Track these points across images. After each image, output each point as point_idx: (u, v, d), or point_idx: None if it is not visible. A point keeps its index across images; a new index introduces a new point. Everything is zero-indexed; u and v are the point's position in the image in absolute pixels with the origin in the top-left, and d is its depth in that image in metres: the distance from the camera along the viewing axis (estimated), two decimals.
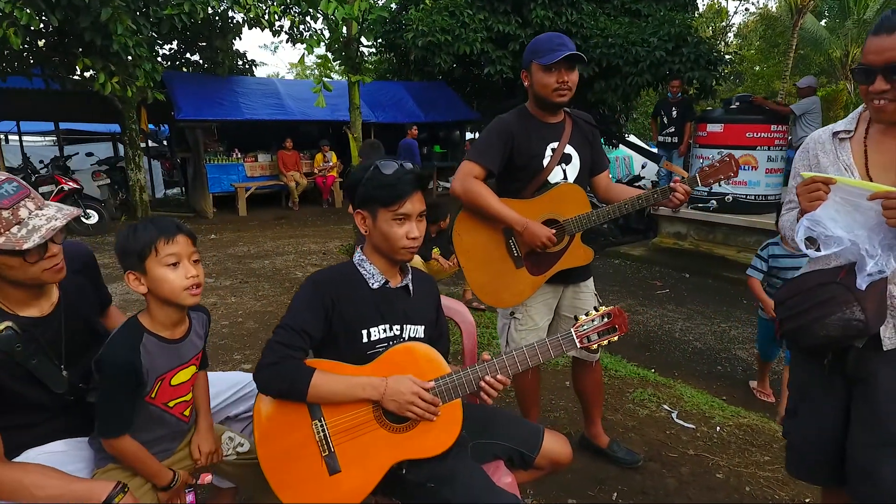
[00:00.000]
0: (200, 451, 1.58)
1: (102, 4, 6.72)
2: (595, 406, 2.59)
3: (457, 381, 1.52)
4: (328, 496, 1.48)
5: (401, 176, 1.53)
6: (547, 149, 2.20)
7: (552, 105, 2.16)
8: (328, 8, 4.23)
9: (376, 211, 1.55)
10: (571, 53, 2.06)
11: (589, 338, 1.62)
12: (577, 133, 2.26)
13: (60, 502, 1.33)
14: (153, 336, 1.45)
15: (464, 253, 2.25)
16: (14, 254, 1.30)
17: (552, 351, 1.59)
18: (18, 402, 1.42)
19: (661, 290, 6.52)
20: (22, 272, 1.35)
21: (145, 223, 1.47)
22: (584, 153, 2.26)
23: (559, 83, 2.09)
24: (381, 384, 1.46)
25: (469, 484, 1.49)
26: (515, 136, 2.18)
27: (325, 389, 1.45)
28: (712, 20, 23.81)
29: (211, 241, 8.36)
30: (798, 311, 1.53)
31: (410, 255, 1.60)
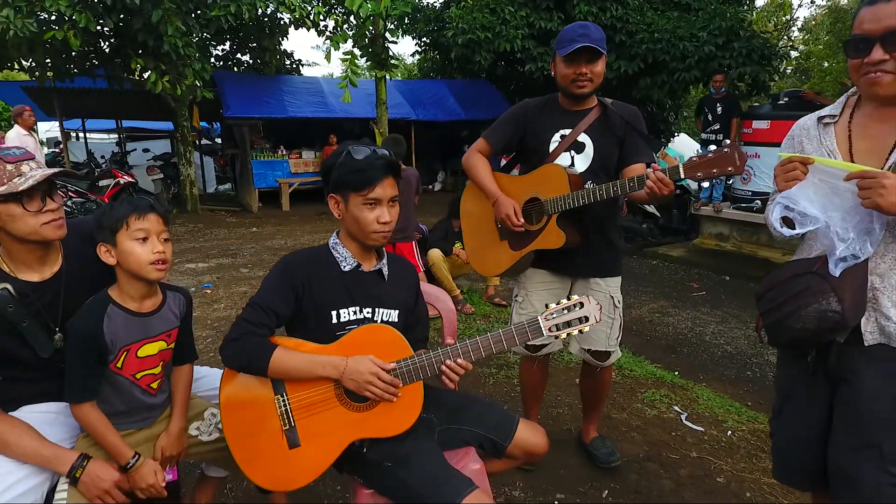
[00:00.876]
0: (163, 453, 1.58)
1: (154, 7, 7.08)
2: (593, 407, 2.55)
3: (418, 364, 1.52)
4: (287, 469, 1.51)
5: (371, 161, 1.55)
6: (556, 135, 2.18)
7: (573, 96, 2.14)
8: (353, 4, 4.29)
9: (348, 195, 1.57)
10: (585, 46, 1.98)
11: (558, 326, 1.58)
12: (601, 123, 2.17)
13: (29, 461, 1.43)
14: (119, 308, 1.52)
15: (464, 217, 2.44)
16: (13, 199, 1.40)
17: (517, 338, 1.56)
18: (12, 358, 1.52)
19: (698, 293, 6.28)
20: (24, 223, 1.44)
21: (122, 200, 1.55)
22: (602, 143, 2.16)
23: (577, 74, 2.05)
24: (342, 363, 1.48)
25: (424, 465, 1.49)
26: (529, 120, 2.22)
27: (285, 366, 1.48)
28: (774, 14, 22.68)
29: (252, 234, 8.66)
30: (775, 304, 1.46)
31: (382, 239, 1.61)
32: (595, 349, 2.29)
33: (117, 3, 6.83)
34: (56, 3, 6.47)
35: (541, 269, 2.29)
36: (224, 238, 8.36)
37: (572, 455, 2.52)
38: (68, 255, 1.60)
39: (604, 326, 2.24)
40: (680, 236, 8.71)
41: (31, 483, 1.43)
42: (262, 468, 1.52)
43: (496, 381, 3.37)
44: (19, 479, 1.41)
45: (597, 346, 2.28)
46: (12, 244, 1.49)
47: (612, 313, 2.25)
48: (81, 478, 1.43)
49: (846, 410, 1.43)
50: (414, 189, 4.38)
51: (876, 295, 1.36)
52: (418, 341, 1.74)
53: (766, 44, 9.76)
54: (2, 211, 1.42)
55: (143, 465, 1.53)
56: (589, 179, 2.13)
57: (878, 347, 1.38)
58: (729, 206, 7.34)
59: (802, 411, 1.55)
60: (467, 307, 4.79)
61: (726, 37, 9.72)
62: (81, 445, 1.54)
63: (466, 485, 1.44)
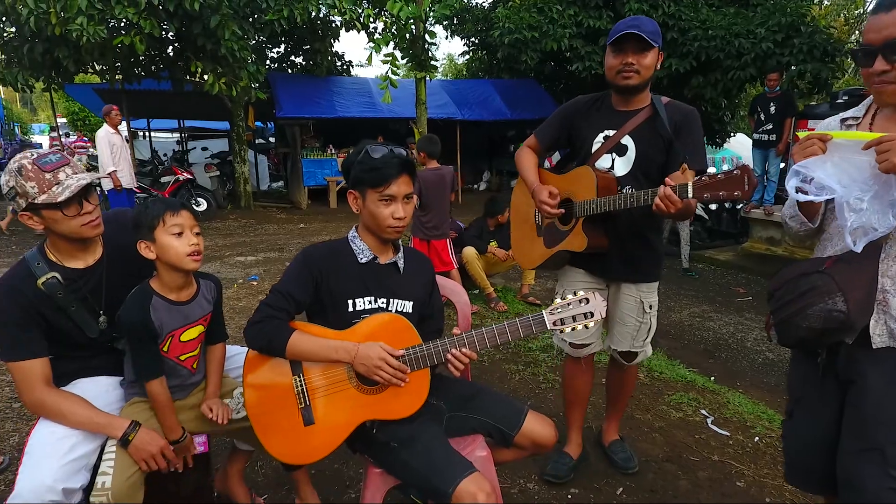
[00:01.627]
0: (212, 410, 1.76)
1: (212, 13, 7.46)
2: (615, 405, 2.53)
3: (425, 352, 1.60)
4: (302, 444, 1.62)
5: (388, 160, 1.63)
6: (599, 135, 2.13)
7: (619, 88, 2.05)
8: (394, 8, 4.42)
9: (365, 192, 1.66)
10: (632, 33, 1.91)
11: (563, 320, 1.63)
12: (648, 126, 2.06)
13: (84, 428, 1.60)
14: (161, 297, 1.68)
15: (513, 210, 2.52)
16: (54, 207, 1.58)
17: (521, 330, 1.62)
18: (65, 338, 1.70)
19: (743, 298, 6.09)
20: (65, 225, 1.62)
21: (153, 201, 1.71)
22: (646, 147, 2.07)
23: (623, 64, 1.97)
24: (353, 348, 1.58)
25: (428, 447, 1.57)
26: (575, 119, 2.20)
27: (301, 348, 1.59)
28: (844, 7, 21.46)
29: (299, 230, 8.98)
30: (783, 302, 1.46)
31: (396, 233, 1.69)
32: (620, 349, 2.29)
33: (179, 9, 7.24)
34: (125, 11, 6.93)
35: (580, 269, 2.27)
36: (273, 233, 8.70)
37: (592, 451, 2.54)
38: (107, 243, 1.77)
39: (630, 329, 2.23)
40: (729, 239, 8.44)
41: (86, 447, 1.60)
42: (280, 442, 1.63)
43: (522, 377, 3.41)
44: (76, 443, 1.58)
45: (620, 347, 2.28)
46: (57, 239, 1.67)
47: (640, 317, 2.22)
48: (133, 441, 1.59)
49: (852, 413, 1.42)
50: (449, 187, 4.46)
51: (886, 297, 1.35)
52: (432, 332, 1.82)
53: (830, 39, 9.27)
54: (46, 215, 1.60)
55: (187, 440, 1.73)
56: (628, 184, 2.06)
57: (885, 350, 1.37)
58: (781, 209, 7.06)
59: (812, 414, 1.55)
60: (500, 305, 4.84)
61: (786, 33, 9.32)
62: (127, 413, 1.71)
63: (466, 467, 1.51)
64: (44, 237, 1.70)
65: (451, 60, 29.75)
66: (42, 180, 1.56)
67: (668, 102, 2.09)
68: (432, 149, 4.23)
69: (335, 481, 2.33)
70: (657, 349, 4.34)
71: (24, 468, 1.53)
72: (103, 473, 1.55)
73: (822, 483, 1.56)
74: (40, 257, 1.66)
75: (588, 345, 2.30)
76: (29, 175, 1.55)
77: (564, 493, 2.26)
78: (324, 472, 2.38)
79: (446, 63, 29.99)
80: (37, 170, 1.57)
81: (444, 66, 29.91)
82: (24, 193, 1.56)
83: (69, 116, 24.21)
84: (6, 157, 14.99)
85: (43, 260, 1.65)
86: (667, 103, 2.08)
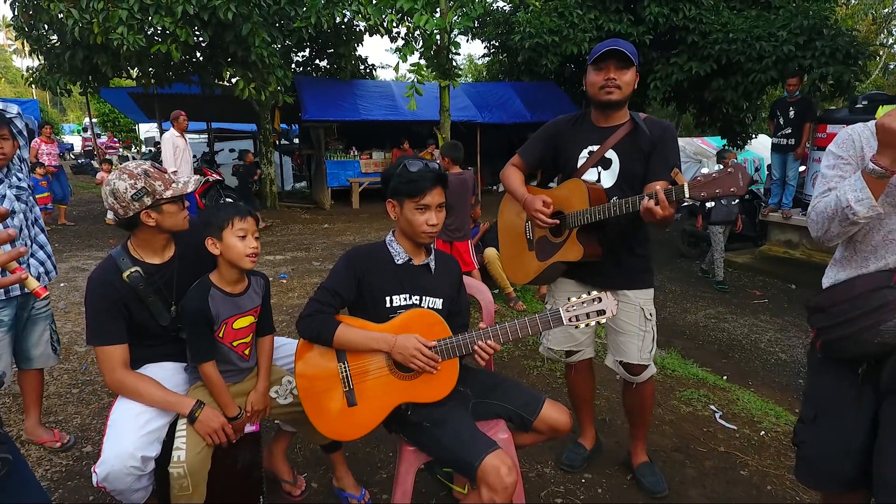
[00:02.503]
0: (253, 407, 1.98)
1: (244, 21, 7.78)
2: (636, 426, 2.47)
3: (455, 343, 1.81)
4: (346, 423, 1.85)
5: (423, 173, 1.85)
6: (584, 151, 2.23)
7: (600, 104, 2.15)
8: (420, 21, 4.64)
9: (403, 201, 1.87)
10: (618, 49, 2.03)
11: (577, 317, 1.81)
12: (630, 140, 2.16)
13: (157, 406, 1.85)
14: (218, 289, 1.92)
15: (501, 227, 2.56)
16: (178, 199, 1.87)
17: (540, 325, 1.81)
18: (141, 327, 1.94)
19: (759, 300, 6.18)
20: (176, 218, 1.90)
21: (226, 204, 1.95)
22: (628, 160, 2.16)
23: (605, 80, 2.07)
24: (392, 339, 1.80)
25: (457, 427, 1.78)
26: (560, 137, 2.30)
27: (346, 338, 1.81)
28: (871, 7, 21.13)
29: (324, 230, 9.26)
30: (844, 318, 1.47)
31: (429, 238, 1.90)
32: (627, 361, 2.28)
33: (213, 18, 7.56)
34: (162, 21, 7.28)
35: (571, 280, 2.33)
36: (298, 233, 9.00)
37: (610, 438, 2.72)
38: (178, 242, 2.02)
39: (635, 339, 2.25)
40: (748, 242, 8.49)
41: (159, 422, 1.84)
42: (327, 421, 1.86)
43: (539, 372, 3.60)
44: (150, 418, 1.82)
45: (628, 359, 2.27)
46: (152, 235, 1.91)
47: (643, 326, 2.25)
48: (199, 417, 1.83)
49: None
50: (470, 190, 4.66)
51: None
52: (460, 327, 2.01)
53: (853, 42, 9.23)
54: (165, 209, 1.86)
55: (242, 418, 1.95)
56: (615, 195, 2.14)
57: None
58: (799, 213, 7.12)
59: (844, 424, 1.56)
60: (519, 304, 5.03)
61: (808, 35, 9.30)
62: (193, 394, 1.95)
63: (490, 444, 1.71)
64: (127, 236, 1.95)
65: (472, 61, 29.94)
66: (165, 179, 1.86)
67: (646, 118, 2.18)
68: (456, 154, 4.44)
69: (368, 463, 2.55)
70: (671, 348, 4.49)
71: (108, 439, 1.78)
72: (178, 448, 1.78)
73: (837, 484, 1.63)
74: (125, 254, 1.91)
75: (575, 352, 2.39)
76: (155, 176, 1.84)
77: (578, 478, 2.45)
78: (356, 454, 2.60)
79: (467, 64, 30.18)
80: (158, 171, 1.87)
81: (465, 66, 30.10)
82: (153, 191, 1.82)
83: (100, 118, 24.98)
84: None
85: (127, 256, 1.91)
86: (645, 119, 2.17)
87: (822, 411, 1.63)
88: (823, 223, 1.55)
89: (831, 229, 1.53)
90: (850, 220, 1.46)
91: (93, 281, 1.88)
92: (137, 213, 1.83)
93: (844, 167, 1.57)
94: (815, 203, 1.60)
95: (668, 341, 4.77)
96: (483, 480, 1.66)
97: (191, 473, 1.75)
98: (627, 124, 2.20)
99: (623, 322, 2.25)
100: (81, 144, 24.71)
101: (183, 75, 10.34)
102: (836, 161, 1.59)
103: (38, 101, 17.50)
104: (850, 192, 1.46)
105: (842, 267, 1.62)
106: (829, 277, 1.67)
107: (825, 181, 1.59)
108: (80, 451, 2.63)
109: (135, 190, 1.80)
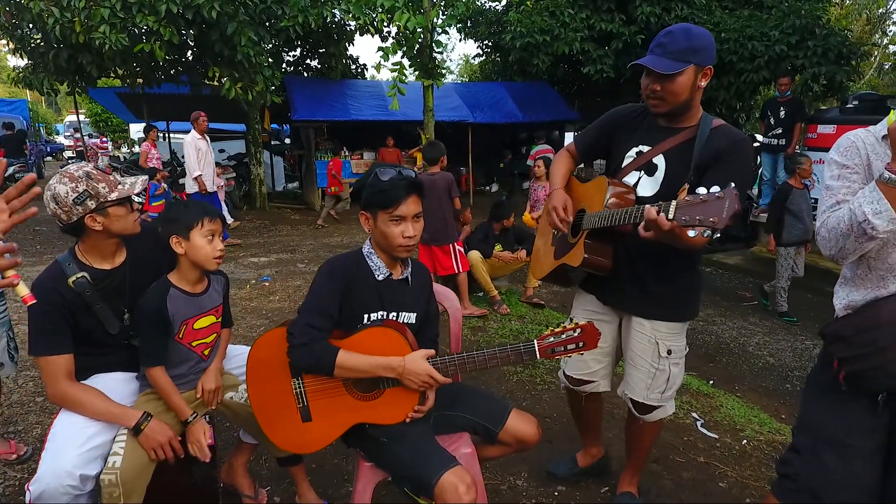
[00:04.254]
0: (203, 388, 1.91)
1: (229, 20, 7.68)
2: (631, 455, 2.26)
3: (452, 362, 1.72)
4: (300, 438, 1.77)
5: (396, 182, 1.71)
6: (633, 150, 1.98)
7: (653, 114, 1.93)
8: (401, 19, 4.56)
9: (376, 213, 1.74)
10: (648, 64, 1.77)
11: (553, 349, 1.68)
12: (685, 148, 1.85)
13: (101, 419, 1.75)
14: (177, 289, 1.85)
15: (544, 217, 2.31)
16: (125, 202, 1.77)
17: (511, 357, 1.70)
18: (88, 335, 1.84)
19: (749, 302, 6.11)
20: (125, 221, 1.80)
21: (194, 203, 1.88)
22: (678, 170, 1.85)
23: (647, 91, 1.84)
24: (400, 365, 1.66)
25: (415, 443, 1.69)
26: (617, 128, 2.06)
27: (349, 366, 1.66)
28: (866, 7, 21.13)
29: (312, 231, 9.16)
30: (873, 348, 1.37)
31: (407, 252, 1.77)
32: (632, 398, 2.04)
33: (197, 17, 7.46)
34: (145, 20, 7.18)
35: (591, 295, 2.13)
36: (286, 234, 8.90)
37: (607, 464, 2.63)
38: (130, 246, 1.93)
39: (644, 375, 1.99)
40: (740, 244, 8.42)
41: (103, 437, 1.75)
42: (281, 434, 1.78)
43: (519, 378, 3.52)
44: (93, 433, 1.73)
45: (633, 395, 2.03)
46: (100, 239, 1.81)
47: (656, 363, 1.96)
48: (144, 430, 1.73)
49: None
50: (445, 192, 4.45)
51: None
52: (429, 339, 1.93)
53: (846, 41, 9.19)
54: (111, 213, 1.76)
55: (198, 422, 1.86)
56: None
57: None
58: None
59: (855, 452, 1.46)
60: (504, 308, 4.94)
61: (800, 35, 9.26)
62: (141, 405, 1.85)
63: (449, 461, 1.63)
64: (75, 241, 1.86)
65: (468, 61, 29.87)
66: (109, 181, 1.76)
67: (719, 126, 1.85)
68: (431, 154, 4.32)
69: (334, 475, 2.47)
70: None
71: (45, 455, 1.68)
72: (114, 454, 1.70)
73: None
74: (71, 259, 1.82)
75: (588, 382, 2.15)
76: (98, 178, 1.74)
77: (551, 491, 2.37)
78: (324, 466, 2.51)
79: (462, 64, 30.12)
80: (101, 172, 1.77)
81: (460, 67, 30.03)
82: (97, 194, 1.72)
83: (92, 118, 24.80)
84: (31, 158, 15.45)
85: (74, 261, 1.81)
86: (716, 126, 1.85)
87: (823, 441, 1.50)
88: (837, 240, 1.42)
89: (846, 246, 1.41)
90: (867, 235, 1.34)
91: (36, 287, 1.78)
92: (81, 217, 1.73)
93: (851, 177, 1.46)
94: (824, 219, 1.47)
95: None
96: (440, 498, 1.57)
97: (123, 483, 1.66)
98: (691, 130, 1.87)
99: (634, 354, 2.02)
100: (73, 145, 24.53)
101: (172, 75, 10.24)
102: (841, 171, 1.48)
103: (26, 100, 17.36)
104: (865, 204, 1.34)
105: (854, 286, 1.51)
106: (842, 298, 1.55)
107: (832, 193, 1.48)
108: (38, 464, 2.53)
109: (76, 193, 1.71)
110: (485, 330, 4.51)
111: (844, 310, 1.54)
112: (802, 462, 1.53)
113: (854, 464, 1.46)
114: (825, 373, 1.56)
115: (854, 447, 1.46)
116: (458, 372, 1.72)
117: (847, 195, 1.44)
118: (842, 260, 1.46)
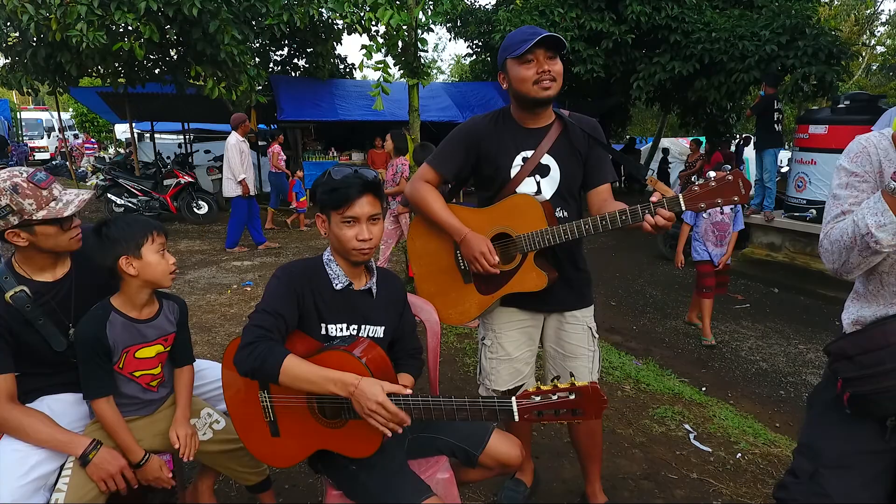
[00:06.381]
0: (178, 435, 1.74)
1: (211, 18, 7.50)
2: (589, 460, 2.21)
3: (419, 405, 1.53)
4: (270, 450, 1.68)
5: (349, 180, 1.58)
6: (517, 157, 1.93)
7: (536, 102, 1.85)
8: (384, 16, 4.42)
9: (330, 214, 1.62)
10: (546, 36, 1.77)
11: (541, 412, 1.40)
12: (563, 141, 1.93)
13: (45, 446, 1.60)
14: (119, 314, 1.68)
15: (415, 259, 2.13)
16: (54, 222, 1.60)
17: (484, 413, 1.47)
18: (32, 354, 1.69)
19: (741, 305, 6.03)
20: (55, 240, 1.63)
21: (133, 217, 1.73)
22: (567, 165, 1.93)
23: (539, 73, 1.79)
24: (353, 384, 1.44)
25: (386, 471, 1.56)
26: (482, 142, 1.95)
27: (295, 374, 1.46)
28: (854, 8, 21.23)
29: (298, 233, 9.00)
30: (879, 370, 1.30)
31: (363, 256, 1.63)
32: None
33: (178, 14, 7.27)
34: (124, 17, 6.97)
35: (510, 308, 2.04)
36: (272, 237, 8.72)
37: (568, 469, 2.51)
38: (75, 256, 1.76)
39: (585, 361, 2.05)
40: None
41: (47, 467, 1.60)
42: (253, 443, 1.70)
43: None
44: (37, 462, 1.58)
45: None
46: (34, 253, 1.66)
47: (591, 345, 2.07)
48: (93, 460, 1.59)
49: None
50: None
51: None
52: (407, 355, 1.79)
53: (835, 42, 9.16)
54: (38, 231, 1.60)
55: (150, 462, 1.70)
56: (558, 206, 1.93)
57: None
58: (781, 215, 6.98)
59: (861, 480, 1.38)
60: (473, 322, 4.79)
61: (790, 35, 9.23)
62: (91, 432, 1.71)
63: (423, 491, 1.50)
64: (11, 252, 1.71)
65: (459, 61, 29.76)
66: (40, 197, 1.59)
67: (571, 114, 1.96)
68: (421, 157, 4.22)
69: (308, 495, 2.33)
70: (649, 358, 4.31)
71: None
72: (58, 490, 1.56)
73: None
74: (8, 272, 1.66)
75: (520, 387, 2.09)
76: (26, 193, 1.57)
77: None
78: (297, 486, 2.37)
79: (454, 64, 30.01)
80: (33, 187, 1.59)
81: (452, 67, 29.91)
82: (21, 210, 1.56)
83: (78, 118, 24.43)
84: (13, 159, 15.16)
85: (11, 274, 1.66)
86: (570, 115, 1.96)
87: (825, 465, 1.41)
88: (840, 253, 1.34)
89: (850, 260, 1.33)
90: (871, 249, 1.26)
91: None
92: (2, 231, 1.58)
93: (860, 185, 1.36)
94: (827, 230, 1.40)
95: (646, 350, 4.59)
96: None
97: None
98: (557, 124, 1.94)
99: (573, 346, 2.05)
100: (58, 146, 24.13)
101: (157, 75, 10.03)
102: (850, 179, 1.38)
103: (7, 101, 17.03)
104: (869, 216, 1.25)
105: (866, 303, 1.42)
106: (851, 314, 1.46)
107: (838, 203, 1.39)
108: None
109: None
110: (471, 337, 4.38)
111: (853, 325, 1.43)
112: (801, 488, 1.43)
113: (858, 490, 1.36)
114: (829, 391, 1.46)
115: (858, 471, 1.37)
116: (421, 416, 1.51)
117: (854, 206, 1.34)
118: (846, 274, 1.37)
